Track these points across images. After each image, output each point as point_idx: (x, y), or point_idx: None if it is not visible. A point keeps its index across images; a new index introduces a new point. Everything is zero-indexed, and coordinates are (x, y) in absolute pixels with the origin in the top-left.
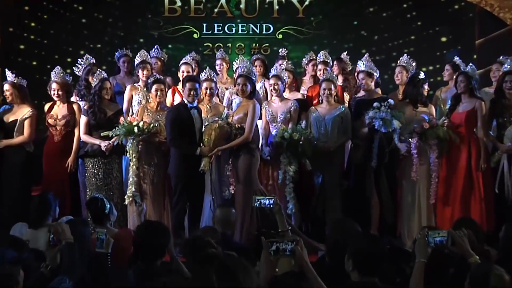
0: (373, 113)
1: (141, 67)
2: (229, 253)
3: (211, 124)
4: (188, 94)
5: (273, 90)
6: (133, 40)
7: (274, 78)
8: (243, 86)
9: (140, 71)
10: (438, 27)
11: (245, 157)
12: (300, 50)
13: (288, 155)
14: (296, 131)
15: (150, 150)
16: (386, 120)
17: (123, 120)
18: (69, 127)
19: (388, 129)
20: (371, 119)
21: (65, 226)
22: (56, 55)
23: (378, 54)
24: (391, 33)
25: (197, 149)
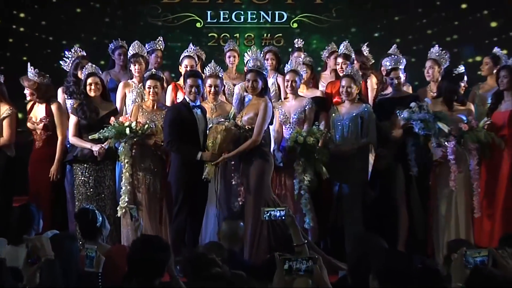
0: (408, 114)
1: (133, 62)
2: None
3: (216, 126)
4: (189, 92)
5: (290, 87)
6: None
7: (291, 74)
8: (254, 83)
9: (132, 66)
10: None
11: (258, 162)
12: (318, 41)
13: (302, 162)
14: (311, 133)
15: (145, 154)
16: (427, 121)
17: (114, 120)
18: (49, 131)
19: (429, 131)
20: (407, 121)
21: (45, 241)
22: (48, 49)
23: (415, 44)
24: (429, 18)
25: (198, 154)
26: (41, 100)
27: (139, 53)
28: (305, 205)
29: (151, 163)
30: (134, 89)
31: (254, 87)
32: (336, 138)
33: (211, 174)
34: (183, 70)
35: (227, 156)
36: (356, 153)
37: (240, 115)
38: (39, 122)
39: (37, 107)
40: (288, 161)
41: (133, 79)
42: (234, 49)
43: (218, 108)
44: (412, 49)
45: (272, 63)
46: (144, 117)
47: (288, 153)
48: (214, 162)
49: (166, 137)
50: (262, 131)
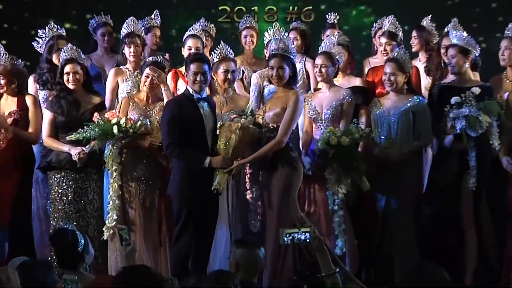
0: (455, 112)
1: (128, 42)
2: None
3: (230, 124)
4: (194, 80)
5: (320, 73)
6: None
7: (323, 57)
8: (279, 71)
9: (127, 48)
10: None
11: (283, 170)
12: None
13: (336, 169)
14: (348, 133)
15: (138, 159)
16: (471, 118)
17: (98, 117)
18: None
19: (476, 131)
20: (453, 120)
21: (12, 272)
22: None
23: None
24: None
25: (205, 160)
26: (12, 91)
27: (135, 32)
28: (338, 224)
29: (146, 171)
30: (129, 77)
31: (280, 76)
32: (381, 139)
33: (222, 184)
34: (186, 54)
35: (244, 162)
36: (407, 158)
37: (263, 110)
38: (8, 117)
39: (6, 100)
40: (318, 169)
41: (127, 65)
42: (251, 27)
43: (229, 101)
44: None
45: (299, 44)
46: (136, 112)
47: (318, 158)
48: (226, 170)
49: (165, 138)
50: (289, 131)
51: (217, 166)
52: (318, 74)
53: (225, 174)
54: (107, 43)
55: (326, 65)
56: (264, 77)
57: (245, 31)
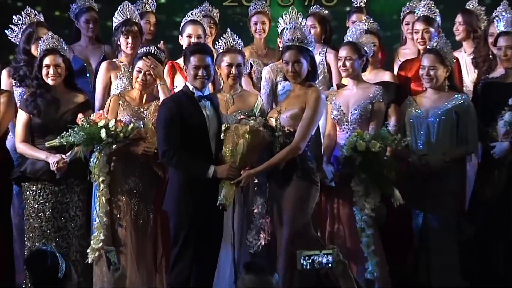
0: (509, 115)
1: (124, 32)
2: None
3: (236, 126)
4: (195, 76)
5: (344, 67)
6: None
7: (348, 48)
8: (295, 65)
9: (123, 39)
10: None
11: (297, 182)
12: None
13: (363, 180)
14: (378, 138)
15: (130, 169)
16: None
17: (82, 118)
18: None
19: None
20: (508, 126)
21: None
22: None
23: None
24: None
25: (209, 169)
26: None
27: (133, 20)
28: (367, 245)
29: (139, 182)
30: (124, 73)
31: (297, 72)
32: (418, 145)
33: (229, 199)
34: (185, 43)
35: (255, 172)
36: (448, 168)
37: (277, 111)
38: None
39: None
40: (343, 180)
41: (121, 58)
42: (263, 12)
43: (236, 99)
44: None
45: (318, 32)
46: (127, 113)
47: (343, 166)
48: (234, 181)
49: (161, 144)
50: (308, 135)
51: (222, 176)
52: (342, 69)
53: (232, 186)
54: (91, 32)
55: (351, 57)
56: (278, 71)
57: (256, 17)
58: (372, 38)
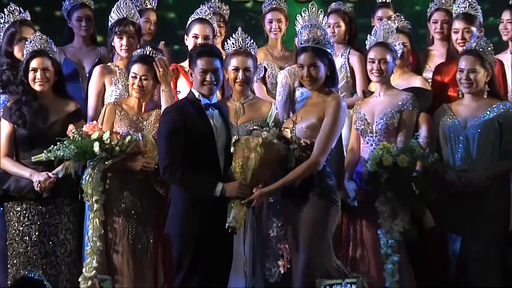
0: None
1: (118, 32)
2: None
3: (247, 139)
4: (202, 81)
5: (378, 71)
6: None
7: (382, 49)
8: (311, 69)
9: (117, 40)
10: None
11: (316, 202)
12: None
13: (390, 199)
14: (408, 151)
15: (127, 187)
16: None
17: (73, 130)
18: None
19: None
20: None
21: None
22: None
23: None
24: None
25: (217, 187)
26: None
27: (129, 18)
28: (391, 273)
29: (138, 202)
30: (119, 78)
31: (313, 77)
32: (456, 159)
33: (239, 221)
34: (191, 44)
35: (268, 191)
36: (491, 185)
37: (292, 121)
38: None
39: None
40: (367, 199)
41: (117, 62)
42: (278, 9)
43: (248, 108)
44: None
45: (339, 31)
46: (124, 124)
47: (367, 184)
48: (244, 201)
49: (162, 158)
50: (328, 149)
51: (232, 195)
52: (376, 73)
53: (243, 206)
54: (85, 31)
55: (386, 59)
56: (295, 75)
57: (270, 14)
58: (402, 37)
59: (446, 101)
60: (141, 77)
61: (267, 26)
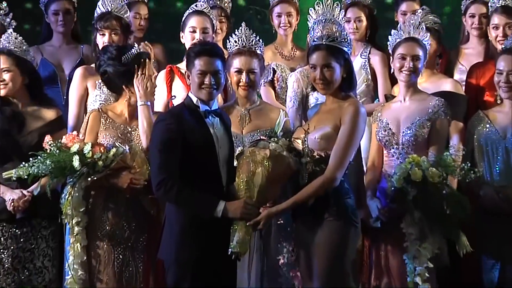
0: None
1: (99, 28)
2: None
3: (253, 151)
4: (200, 84)
5: (409, 71)
6: None
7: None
8: (325, 71)
9: (99, 37)
10: None
11: (333, 224)
12: None
13: (419, 220)
14: (439, 165)
15: (113, 207)
16: None
17: (50, 142)
18: None
19: None
20: None
21: None
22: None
23: None
24: None
25: (218, 206)
26: None
27: (114, 12)
28: None
29: (125, 224)
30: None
31: (326, 79)
32: (494, 174)
33: (244, 246)
34: (188, 40)
35: (277, 211)
36: None
37: (304, 130)
38: None
39: None
40: (392, 219)
41: None
42: (288, 1)
43: (254, 115)
44: None
45: (363, 27)
46: (110, 134)
47: (392, 202)
48: (250, 222)
49: (156, 172)
50: (345, 162)
51: (235, 216)
52: (407, 71)
53: (248, 228)
54: (62, 27)
55: (419, 56)
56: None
57: (279, 7)
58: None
59: (482, 108)
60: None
61: (276, 20)
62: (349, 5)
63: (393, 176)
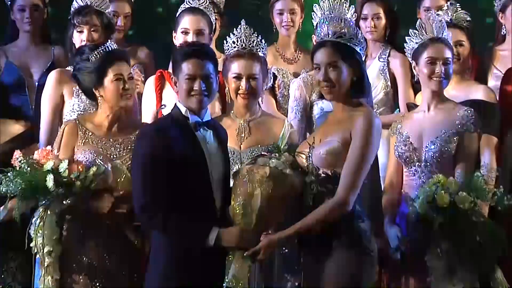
0: None
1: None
2: None
3: (251, 169)
4: (188, 91)
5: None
6: None
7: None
8: (330, 70)
9: (77, 35)
10: None
11: (344, 254)
12: None
13: (446, 251)
14: (470, 188)
15: (91, 236)
16: None
17: (20, 158)
18: None
19: None
20: None
21: None
22: None
23: None
24: None
25: (211, 234)
26: None
27: (93, 7)
28: None
29: (105, 254)
30: None
31: (332, 81)
32: None
33: (242, 279)
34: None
35: (279, 238)
36: None
37: (308, 144)
38: None
39: None
40: (415, 250)
41: None
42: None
43: (255, 127)
44: None
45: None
46: (90, 149)
47: (415, 230)
48: (248, 252)
49: (139, 195)
50: (358, 183)
51: (231, 244)
52: (437, 79)
53: (246, 259)
54: (29, 24)
55: (449, 59)
56: (313, 85)
57: (281, 3)
58: (458, 34)
59: None
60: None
61: (277, 18)
62: (363, 1)
63: (416, 199)
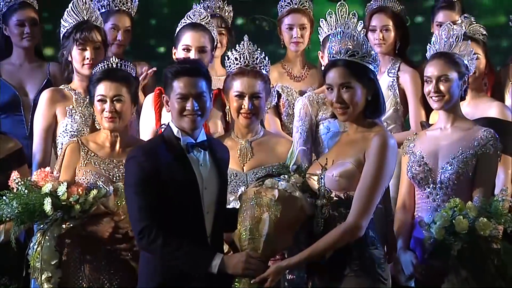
0: None
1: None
2: None
3: (257, 192)
4: (180, 111)
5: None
6: None
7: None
8: (344, 91)
9: (77, 52)
10: None
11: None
12: None
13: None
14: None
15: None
16: None
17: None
18: None
19: None
20: None
21: None
22: None
23: None
24: None
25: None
26: None
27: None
28: None
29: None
30: (76, 107)
31: (345, 103)
32: None
33: None
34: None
35: (287, 265)
36: None
37: (320, 165)
38: None
39: None
40: (431, 278)
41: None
42: (301, 10)
43: (258, 148)
44: None
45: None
46: (92, 170)
47: (431, 256)
48: (255, 280)
49: (136, 219)
50: (371, 208)
51: (236, 272)
52: (435, 97)
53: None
54: (28, 40)
55: (447, 77)
56: (320, 104)
57: (290, 18)
58: (474, 47)
59: None
60: (112, 98)
61: (286, 34)
62: (374, 10)
63: (431, 224)
